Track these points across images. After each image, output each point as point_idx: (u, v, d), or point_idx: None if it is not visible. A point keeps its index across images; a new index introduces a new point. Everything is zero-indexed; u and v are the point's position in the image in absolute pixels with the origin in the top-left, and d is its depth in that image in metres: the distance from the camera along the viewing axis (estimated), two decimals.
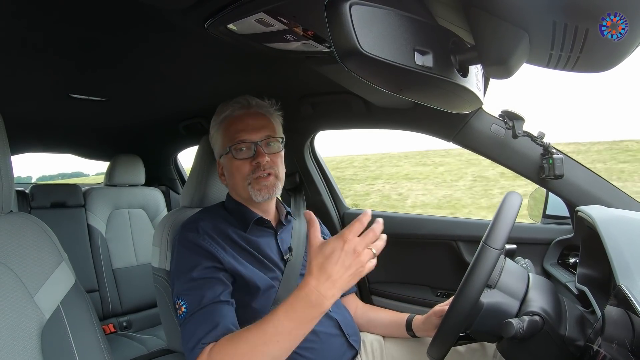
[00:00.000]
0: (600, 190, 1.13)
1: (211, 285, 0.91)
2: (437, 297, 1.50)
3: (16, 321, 0.71)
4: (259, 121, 1.06)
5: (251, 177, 1.03)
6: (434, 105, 0.67)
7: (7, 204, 0.78)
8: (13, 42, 0.95)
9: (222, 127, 1.08)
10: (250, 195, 1.04)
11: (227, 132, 1.06)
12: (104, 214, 2.17)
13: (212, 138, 1.13)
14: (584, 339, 0.76)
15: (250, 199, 1.05)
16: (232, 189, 1.11)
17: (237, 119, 1.06)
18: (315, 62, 1.03)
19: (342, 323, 1.04)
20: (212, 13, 0.75)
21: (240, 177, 1.04)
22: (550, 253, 1.27)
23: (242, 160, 1.04)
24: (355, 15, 0.45)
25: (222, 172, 1.12)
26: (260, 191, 1.03)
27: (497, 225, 0.74)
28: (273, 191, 1.05)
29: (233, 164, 1.05)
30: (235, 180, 1.05)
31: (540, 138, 1.13)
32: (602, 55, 0.50)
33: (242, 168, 1.04)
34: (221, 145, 1.08)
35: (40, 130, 2.07)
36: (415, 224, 1.56)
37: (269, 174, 1.04)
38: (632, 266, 0.67)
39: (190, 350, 0.83)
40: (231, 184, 1.09)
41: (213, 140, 1.12)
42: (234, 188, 1.09)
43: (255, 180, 1.03)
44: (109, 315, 2.04)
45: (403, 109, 1.32)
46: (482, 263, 0.71)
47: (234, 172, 1.05)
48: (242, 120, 1.06)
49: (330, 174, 1.78)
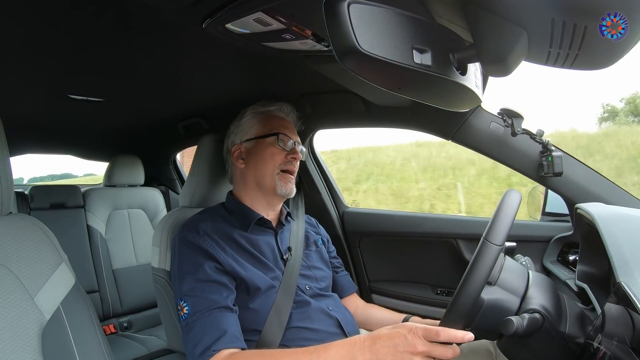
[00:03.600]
0: (600, 187, 1.13)
1: (216, 289, 0.91)
2: (437, 295, 1.50)
3: (16, 322, 0.71)
4: (294, 129, 1.16)
5: (281, 167, 1.07)
6: (432, 104, 0.67)
7: (6, 206, 0.78)
8: (10, 42, 0.95)
9: (262, 116, 1.13)
10: (275, 184, 1.06)
11: (269, 122, 1.11)
12: (104, 214, 2.17)
13: (241, 123, 1.14)
14: (584, 336, 0.76)
15: (273, 189, 1.06)
16: (252, 176, 1.10)
17: (280, 118, 1.14)
18: (314, 61, 1.03)
19: (342, 322, 1.04)
20: (210, 13, 0.75)
21: (272, 164, 1.07)
22: (550, 250, 1.27)
23: (281, 150, 1.07)
24: (353, 13, 0.45)
25: (240, 156, 1.12)
26: (286, 185, 1.07)
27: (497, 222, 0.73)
28: (292, 190, 1.09)
29: (270, 150, 1.07)
30: (266, 166, 1.07)
31: (539, 136, 1.13)
32: (600, 52, 0.50)
33: (277, 156, 1.07)
34: (258, 131, 1.11)
35: (38, 131, 2.06)
36: (415, 222, 1.56)
37: (294, 172, 1.09)
38: (632, 263, 0.67)
39: (198, 356, 0.84)
40: (256, 169, 1.08)
41: (244, 124, 1.13)
42: (257, 173, 1.08)
43: (283, 174, 1.07)
44: (109, 315, 2.04)
45: (402, 108, 1.32)
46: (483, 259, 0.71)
47: (267, 158, 1.07)
48: (284, 121, 1.14)
49: (329, 172, 1.78)
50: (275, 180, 1.06)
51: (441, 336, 0.70)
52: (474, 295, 0.71)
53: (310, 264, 1.12)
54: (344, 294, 1.23)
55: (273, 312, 0.97)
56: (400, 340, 0.72)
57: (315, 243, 1.19)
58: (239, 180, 1.13)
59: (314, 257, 1.15)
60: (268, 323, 0.96)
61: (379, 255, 1.64)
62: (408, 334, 0.72)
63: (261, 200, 1.09)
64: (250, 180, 1.10)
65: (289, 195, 1.09)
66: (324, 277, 1.14)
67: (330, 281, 1.17)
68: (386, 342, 0.73)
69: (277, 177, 1.06)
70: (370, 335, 0.77)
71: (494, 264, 0.71)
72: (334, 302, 1.09)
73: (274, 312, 0.97)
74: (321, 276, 1.12)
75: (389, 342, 0.73)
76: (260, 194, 1.09)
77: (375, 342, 0.75)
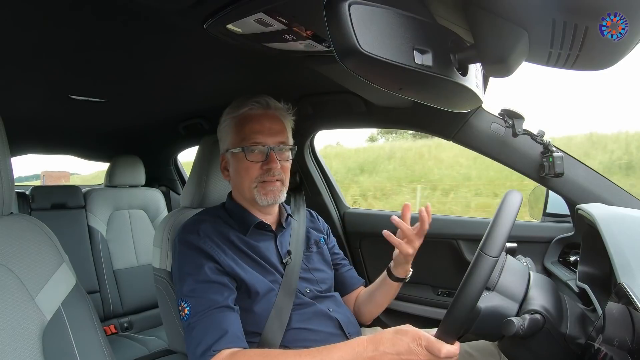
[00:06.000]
0: (601, 188, 1.13)
1: (217, 289, 0.91)
2: (437, 295, 1.50)
3: (17, 323, 0.71)
4: (275, 125, 1.04)
5: (259, 180, 1.02)
6: (433, 104, 0.67)
7: (7, 206, 0.78)
8: (11, 43, 0.95)
9: (235, 122, 1.04)
10: (255, 197, 1.02)
11: (242, 129, 1.03)
12: (105, 215, 2.17)
13: (221, 130, 1.08)
14: (585, 337, 0.76)
15: (254, 201, 1.03)
16: (236, 188, 1.09)
17: (254, 118, 1.03)
18: (315, 62, 1.03)
19: (343, 323, 1.04)
20: (211, 13, 0.75)
21: (248, 179, 1.02)
22: (551, 251, 1.27)
23: (254, 163, 1.01)
24: (354, 14, 0.45)
25: (225, 167, 1.09)
26: (267, 195, 1.02)
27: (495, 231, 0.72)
28: (278, 197, 1.04)
29: (243, 164, 1.02)
30: (242, 181, 1.03)
31: (540, 136, 1.13)
32: (601, 53, 0.50)
33: (251, 170, 1.01)
34: (232, 141, 1.05)
35: (40, 131, 2.07)
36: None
37: (277, 179, 1.03)
38: (633, 264, 0.67)
39: (200, 356, 0.84)
40: (236, 182, 1.07)
41: (222, 132, 1.08)
42: (238, 187, 1.07)
43: (262, 185, 1.02)
44: (110, 316, 2.04)
45: (403, 108, 1.32)
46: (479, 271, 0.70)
47: (242, 173, 1.03)
48: (259, 121, 1.03)
49: (330, 173, 1.78)
50: (254, 193, 1.02)
51: (443, 352, 0.71)
52: (469, 306, 0.70)
53: (311, 266, 1.11)
54: (352, 288, 1.22)
55: (273, 313, 0.97)
56: (404, 349, 0.73)
57: (316, 243, 1.18)
58: (232, 187, 1.12)
59: (315, 259, 1.14)
60: (268, 324, 0.96)
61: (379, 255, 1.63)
62: (412, 342, 0.73)
63: (252, 208, 1.08)
64: (236, 193, 1.10)
65: (275, 204, 1.06)
66: (325, 278, 1.13)
67: (331, 282, 1.16)
68: (389, 348, 0.74)
69: (256, 190, 1.02)
70: (372, 340, 0.77)
71: (489, 276, 0.71)
72: (334, 303, 1.09)
73: (275, 313, 0.97)
74: (322, 278, 1.12)
75: (392, 349, 0.74)
76: (248, 203, 1.07)
77: (378, 348, 0.75)
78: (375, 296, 1.16)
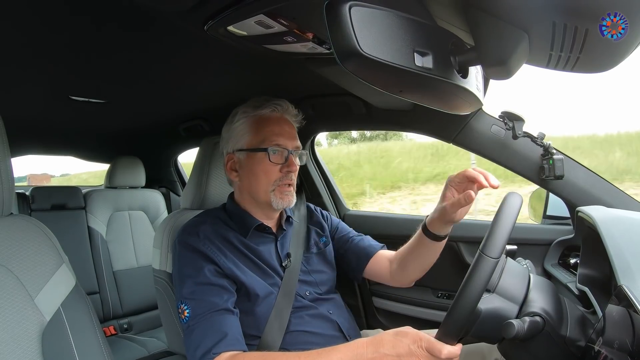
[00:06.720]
0: (601, 190, 1.13)
1: (216, 292, 0.91)
2: (437, 298, 1.50)
3: (17, 323, 0.71)
4: (292, 130, 1.05)
5: (277, 183, 1.01)
6: (433, 107, 0.67)
7: (7, 206, 0.78)
8: (12, 45, 0.95)
9: (253, 122, 1.02)
10: (270, 200, 1.01)
11: (261, 130, 1.01)
12: (105, 216, 2.17)
13: (233, 129, 1.04)
14: (585, 339, 0.76)
15: (269, 204, 1.02)
16: (246, 190, 1.06)
17: (274, 121, 1.02)
18: (315, 64, 1.03)
19: (342, 325, 1.04)
20: (212, 15, 0.75)
21: (267, 181, 1.00)
22: (551, 254, 1.27)
23: (274, 165, 1.00)
24: (355, 16, 0.45)
25: (233, 168, 1.06)
26: (283, 200, 1.01)
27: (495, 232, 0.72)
28: (292, 201, 1.03)
29: (262, 165, 1.00)
30: (259, 182, 1.01)
31: (540, 139, 1.13)
32: (602, 55, 0.50)
33: (271, 172, 1.00)
34: (249, 140, 1.02)
35: (40, 132, 2.07)
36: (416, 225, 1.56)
37: (291, 184, 1.03)
38: (633, 266, 0.67)
39: (199, 359, 0.84)
40: (249, 184, 1.03)
41: (235, 131, 1.04)
42: (250, 189, 1.04)
43: (280, 188, 1.01)
44: (109, 317, 2.04)
45: (403, 110, 1.32)
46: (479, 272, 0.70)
47: (260, 174, 1.01)
48: (278, 123, 1.02)
49: (330, 175, 1.78)
50: (270, 197, 1.01)
51: (444, 353, 0.71)
52: (469, 308, 0.70)
53: (311, 268, 1.11)
54: (370, 255, 1.16)
55: (273, 316, 0.96)
56: (404, 350, 0.73)
57: (317, 244, 1.17)
58: (236, 189, 1.10)
59: (316, 261, 1.13)
60: (268, 327, 0.96)
61: None
62: (412, 344, 0.72)
63: (258, 210, 1.06)
64: (245, 193, 1.07)
65: (287, 207, 1.05)
66: (326, 280, 1.12)
67: (333, 283, 1.15)
68: (390, 350, 0.74)
69: (273, 194, 1.01)
70: (372, 342, 0.76)
71: (490, 278, 0.70)
72: (334, 305, 1.09)
73: (274, 316, 0.97)
74: (322, 280, 1.11)
75: (392, 351, 0.73)
76: (257, 205, 1.06)
77: (378, 349, 0.75)
78: (413, 261, 1.10)
